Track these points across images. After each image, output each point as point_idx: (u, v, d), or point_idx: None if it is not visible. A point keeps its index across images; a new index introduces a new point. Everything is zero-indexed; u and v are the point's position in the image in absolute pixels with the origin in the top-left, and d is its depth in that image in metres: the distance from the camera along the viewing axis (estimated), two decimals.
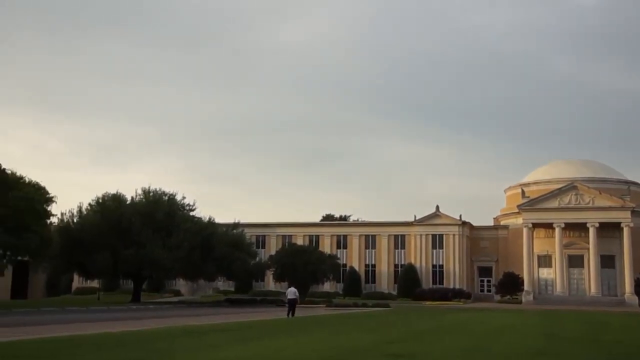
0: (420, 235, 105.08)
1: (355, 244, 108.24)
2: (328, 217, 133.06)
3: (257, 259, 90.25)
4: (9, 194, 62.52)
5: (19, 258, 70.78)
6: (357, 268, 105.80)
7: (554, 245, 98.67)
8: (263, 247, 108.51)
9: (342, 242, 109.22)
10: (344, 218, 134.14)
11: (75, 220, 77.28)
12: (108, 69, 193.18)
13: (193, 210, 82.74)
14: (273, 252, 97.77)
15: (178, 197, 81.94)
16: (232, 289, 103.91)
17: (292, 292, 47.82)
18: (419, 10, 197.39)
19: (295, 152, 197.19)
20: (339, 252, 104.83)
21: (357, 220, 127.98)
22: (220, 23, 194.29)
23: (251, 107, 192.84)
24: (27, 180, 69.48)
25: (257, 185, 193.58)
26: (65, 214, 77.59)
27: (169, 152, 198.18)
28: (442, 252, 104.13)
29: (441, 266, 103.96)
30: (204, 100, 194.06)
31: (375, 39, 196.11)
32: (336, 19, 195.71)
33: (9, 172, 66.33)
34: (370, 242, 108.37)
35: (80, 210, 78.20)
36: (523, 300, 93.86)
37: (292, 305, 46.55)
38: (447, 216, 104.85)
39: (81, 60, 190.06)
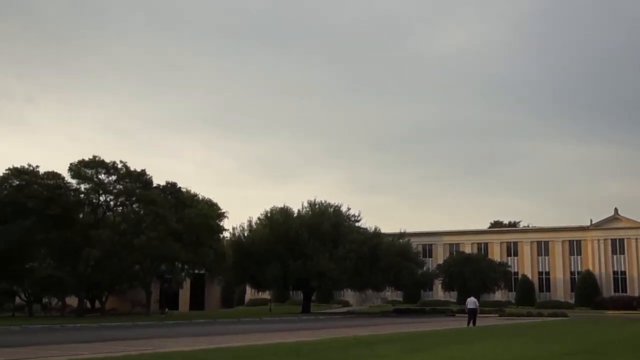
0: (598, 240, 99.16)
1: (526, 251, 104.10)
2: (496, 224, 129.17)
3: (425, 268, 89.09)
4: (184, 211, 66.34)
5: (196, 271, 74.80)
6: (529, 276, 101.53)
7: None
8: (430, 256, 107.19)
9: (512, 250, 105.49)
10: (513, 224, 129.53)
11: (246, 234, 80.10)
12: (269, 84, 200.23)
13: (358, 221, 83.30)
14: (440, 261, 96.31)
15: (343, 209, 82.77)
16: (400, 298, 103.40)
17: (472, 302, 48.41)
18: (579, 4, 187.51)
19: (460, 158, 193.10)
20: (509, 260, 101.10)
21: (528, 226, 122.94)
22: (377, 31, 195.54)
23: (412, 115, 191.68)
24: (200, 197, 73.51)
25: (422, 194, 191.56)
26: (237, 228, 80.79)
27: (332, 164, 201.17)
28: (624, 257, 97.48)
29: (623, 273, 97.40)
30: (364, 111, 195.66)
31: (536, 38, 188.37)
32: (495, 20, 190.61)
33: (184, 190, 70.47)
34: (542, 248, 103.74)
35: (250, 225, 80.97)
36: None
37: (472, 314, 46.76)
38: (627, 219, 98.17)
39: (241, 77, 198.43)
